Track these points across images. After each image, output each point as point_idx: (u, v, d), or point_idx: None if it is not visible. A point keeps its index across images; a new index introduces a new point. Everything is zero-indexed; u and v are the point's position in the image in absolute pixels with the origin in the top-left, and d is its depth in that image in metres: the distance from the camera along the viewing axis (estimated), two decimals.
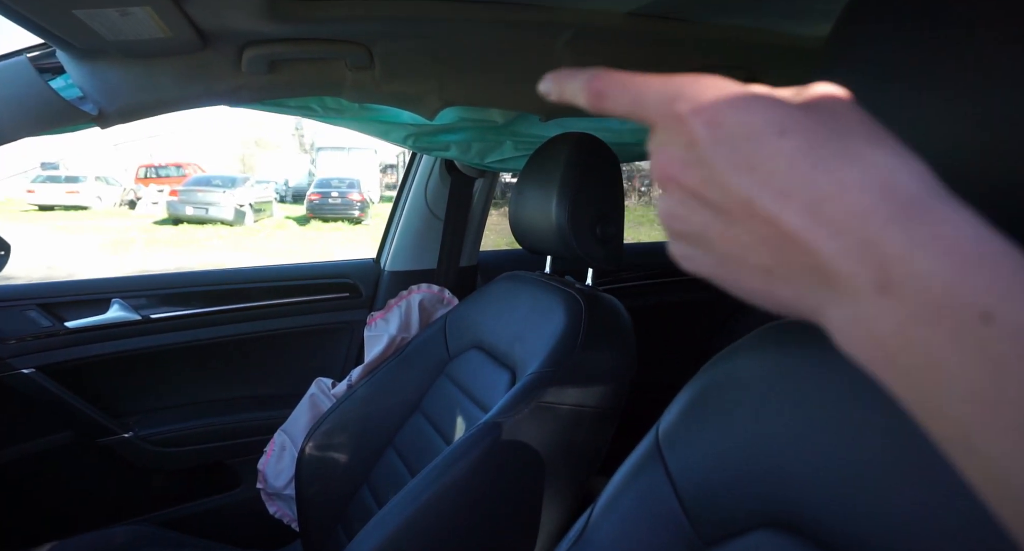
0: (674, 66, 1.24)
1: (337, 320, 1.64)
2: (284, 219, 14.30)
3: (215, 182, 13.08)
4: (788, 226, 0.22)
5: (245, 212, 12.74)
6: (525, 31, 1.08)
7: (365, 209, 13.93)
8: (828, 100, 0.23)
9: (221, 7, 0.80)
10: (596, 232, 1.09)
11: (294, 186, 19.47)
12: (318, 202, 13.85)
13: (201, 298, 1.50)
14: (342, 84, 1.11)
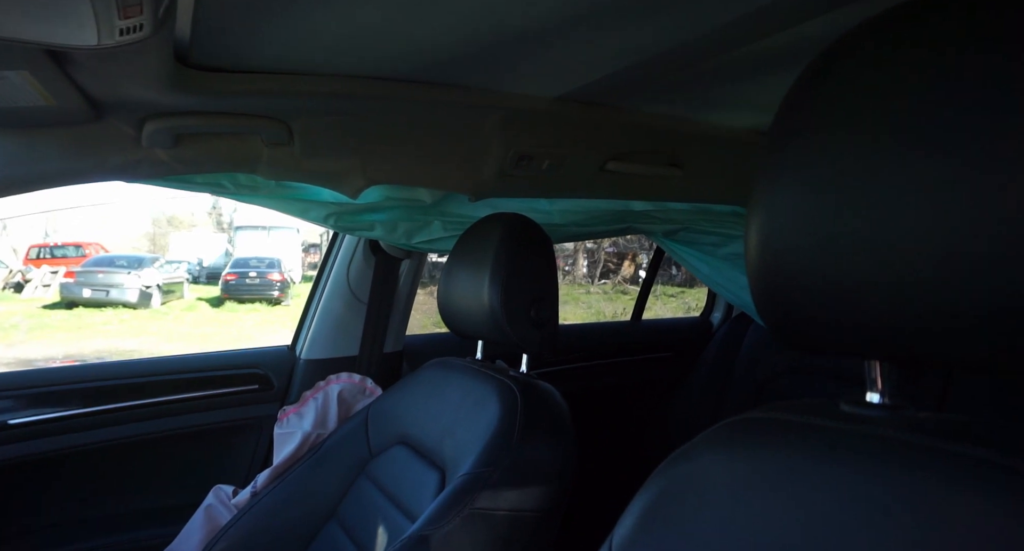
0: (600, 149, 1.26)
1: (244, 416, 1.46)
2: (195, 301, 13.51)
3: (119, 262, 12.27)
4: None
5: (152, 294, 11.95)
6: (454, 111, 1.06)
7: (285, 289, 13.42)
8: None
9: (117, 76, 0.72)
10: (531, 315, 1.04)
11: (209, 266, 18.62)
12: (234, 282, 13.23)
13: (81, 396, 1.30)
14: (257, 160, 1.04)
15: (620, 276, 13.30)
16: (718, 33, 0.77)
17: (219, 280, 14.47)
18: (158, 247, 22.90)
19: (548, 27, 0.77)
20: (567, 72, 0.96)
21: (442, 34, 0.79)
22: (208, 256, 19.31)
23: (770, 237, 0.43)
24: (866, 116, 0.38)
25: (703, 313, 2.36)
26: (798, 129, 0.42)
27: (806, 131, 0.41)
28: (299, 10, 0.70)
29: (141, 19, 0.53)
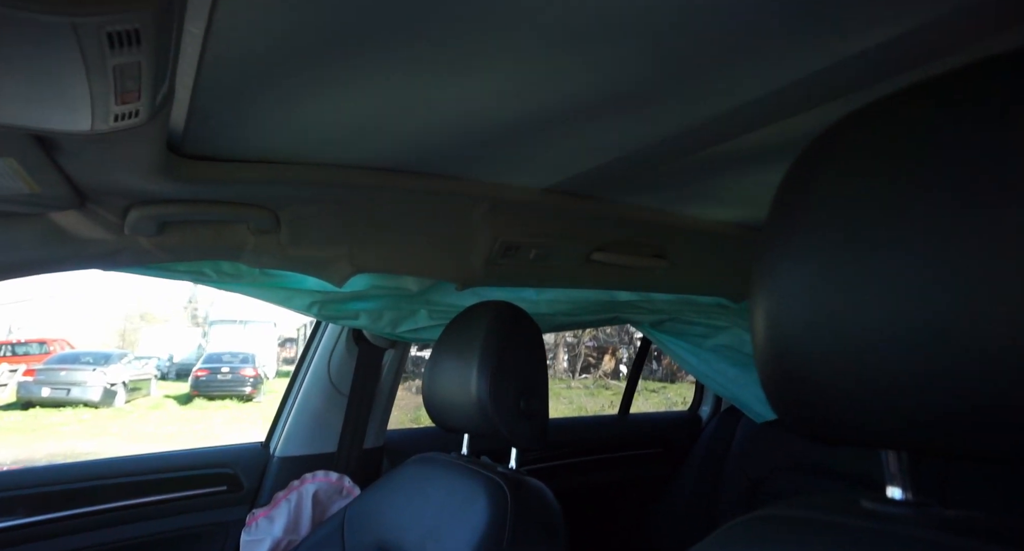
0: (586, 239, 1.28)
1: (209, 521, 1.34)
2: (163, 398, 12.96)
3: (84, 359, 11.82)
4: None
5: (116, 392, 11.45)
6: (443, 200, 1.08)
7: (258, 385, 12.98)
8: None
9: (106, 163, 0.72)
10: (520, 407, 0.99)
11: (180, 362, 18.09)
12: (205, 378, 12.78)
13: (27, 504, 1.18)
14: (242, 248, 1.02)
15: (601, 371, 13.17)
16: (700, 130, 0.80)
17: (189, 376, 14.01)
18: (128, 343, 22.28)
19: (536, 123, 0.79)
20: (554, 165, 0.99)
21: (432, 129, 0.81)
22: (180, 351, 18.83)
23: (778, 325, 0.42)
24: (864, 205, 0.38)
25: (691, 407, 2.31)
26: (796, 218, 0.42)
27: (804, 221, 0.41)
28: (295, 102, 0.72)
29: (138, 105, 0.53)
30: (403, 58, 0.61)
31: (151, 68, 0.48)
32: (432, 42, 0.58)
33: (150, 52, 0.45)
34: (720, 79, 0.66)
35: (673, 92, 0.70)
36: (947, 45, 0.57)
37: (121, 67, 0.45)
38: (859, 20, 0.54)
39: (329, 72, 0.64)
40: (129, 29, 0.41)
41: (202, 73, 0.62)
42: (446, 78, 0.66)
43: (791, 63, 0.62)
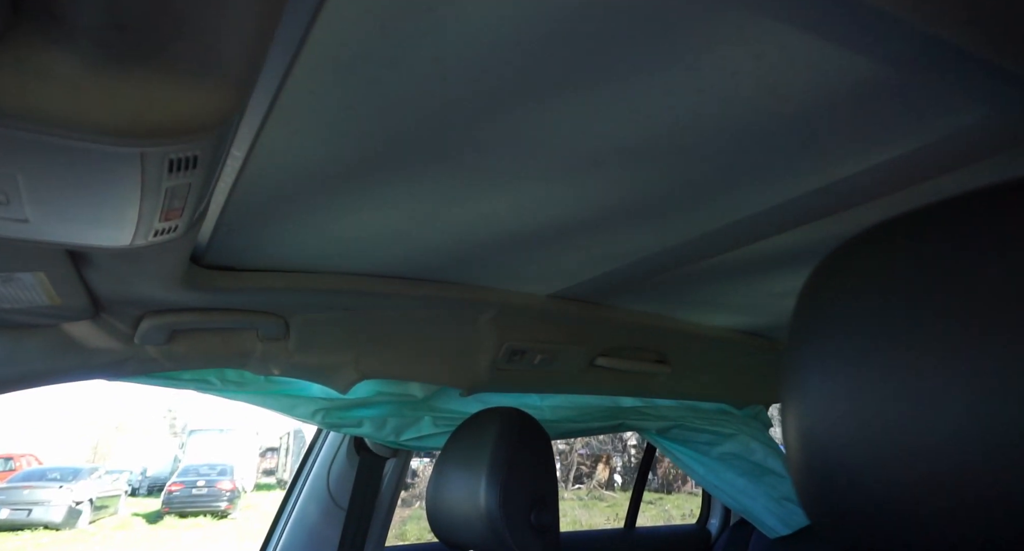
0: (590, 345, 1.29)
1: None
2: (130, 517, 12.12)
3: (51, 475, 11.16)
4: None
5: (81, 511, 10.71)
6: (450, 306, 1.10)
7: (235, 500, 12.23)
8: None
9: (132, 275, 0.73)
10: (531, 520, 0.95)
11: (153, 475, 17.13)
12: (179, 493, 12.04)
13: None
14: (250, 355, 1.02)
15: (595, 481, 12.61)
16: (702, 241, 0.84)
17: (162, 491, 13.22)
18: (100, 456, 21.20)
19: (546, 234, 0.83)
20: (561, 273, 1.02)
21: (446, 240, 0.85)
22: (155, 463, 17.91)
23: (812, 432, 0.42)
24: (888, 314, 0.40)
25: (699, 520, 2.20)
26: (822, 318, 0.44)
27: (831, 321, 0.43)
28: (318, 219, 0.75)
29: (178, 221, 0.55)
30: (425, 178, 0.65)
31: (198, 188, 0.51)
32: (454, 164, 0.63)
33: (202, 175, 0.48)
34: (722, 196, 0.71)
35: (678, 207, 0.74)
36: (935, 169, 0.62)
37: (173, 188, 0.48)
38: (851, 146, 0.59)
39: (354, 193, 0.68)
40: (190, 156, 0.44)
41: (235, 192, 0.65)
42: (465, 194, 0.70)
43: (788, 183, 0.67)
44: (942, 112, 0.53)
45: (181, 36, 0.36)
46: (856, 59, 0.47)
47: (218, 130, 0.43)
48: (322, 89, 0.50)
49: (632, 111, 0.54)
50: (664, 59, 0.47)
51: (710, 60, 0.47)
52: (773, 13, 0.42)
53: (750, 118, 0.55)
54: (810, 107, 0.53)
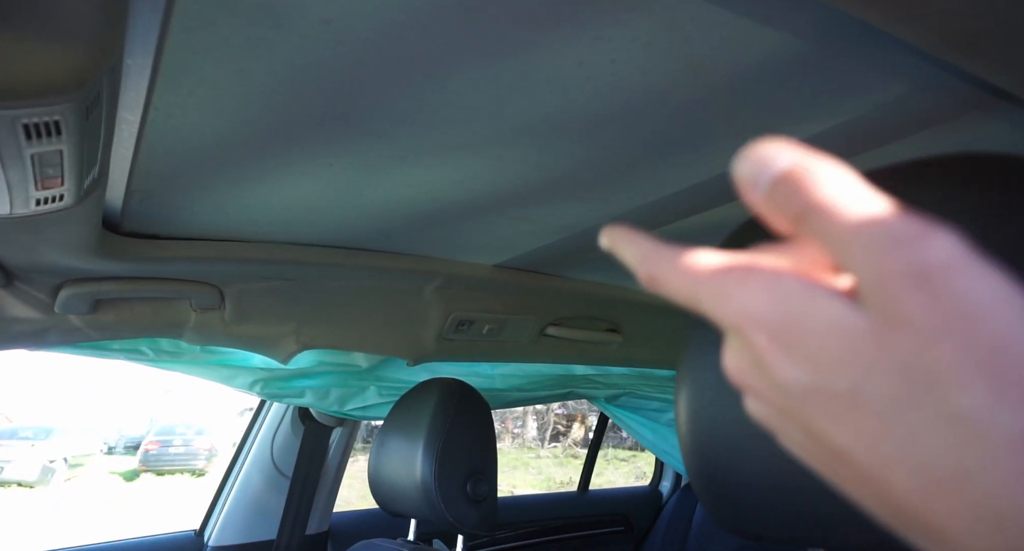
0: (540, 314, 1.28)
1: None
2: (107, 475, 12.15)
3: (22, 434, 11.10)
4: (903, 501, 0.18)
5: (55, 469, 10.69)
6: (393, 277, 1.07)
7: (212, 458, 12.32)
8: (922, 320, 0.17)
9: (36, 244, 0.70)
10: (467, 491, 0.96)
11: (129, 435, 17.13)
12: (156, 452, 12.05)
13: None
14: (184, 325, 0.99)
15: (570, 439, 12.92)
16: (639, 214, 0.83)
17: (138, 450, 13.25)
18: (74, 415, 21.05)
19: (483, 205, 0.81)
20: (504, 243, 1.00)
21: (379, 210, 0.82)
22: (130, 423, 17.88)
23: (699, 414, 0.42)
24: None
25: (652, 482, 2.27)
26: None
27: None
28: (237, 186, 0.72)
29: (62, 190, 0.52)
30: (341, 149, 0.62)
31: (75, 156, 0.47)
32: (370, 135, 0.60)
33: (73, 141, 0.45)
34: (652, 169, 0.69)
35: (610, 180, 0.72)
36: (859, 145, 0.61)
37: (40, 155, 0.45)
38: (775, 121, 0.57)
39: (269, 162, 0.65)
40: (48, 121, 0.41)
41: (139, 157, 0.62)
42: (387, 165, 0.67)
43: (717, 156, 0.65)
44: (861, 89, 0.51)
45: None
46: (771, 34, 0.45)
47: (77, 94, 0.40)
48: (205, 50, 0.46)
49: (547, 82, 0.52)
50: (572, 29, 0.45)
51: (620, 30, 0.45)
52: None
53: (669, 90, 0.53)
54: (729, 81, 0.51)
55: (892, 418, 0.18)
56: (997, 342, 0.16)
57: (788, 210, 0.19)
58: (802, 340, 0.19)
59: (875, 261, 0.18)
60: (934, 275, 0.17)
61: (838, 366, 0.18)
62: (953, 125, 0.56)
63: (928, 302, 0.17)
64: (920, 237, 0.17)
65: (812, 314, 0.19)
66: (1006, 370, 0.16)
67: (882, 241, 0.17)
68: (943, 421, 0.17)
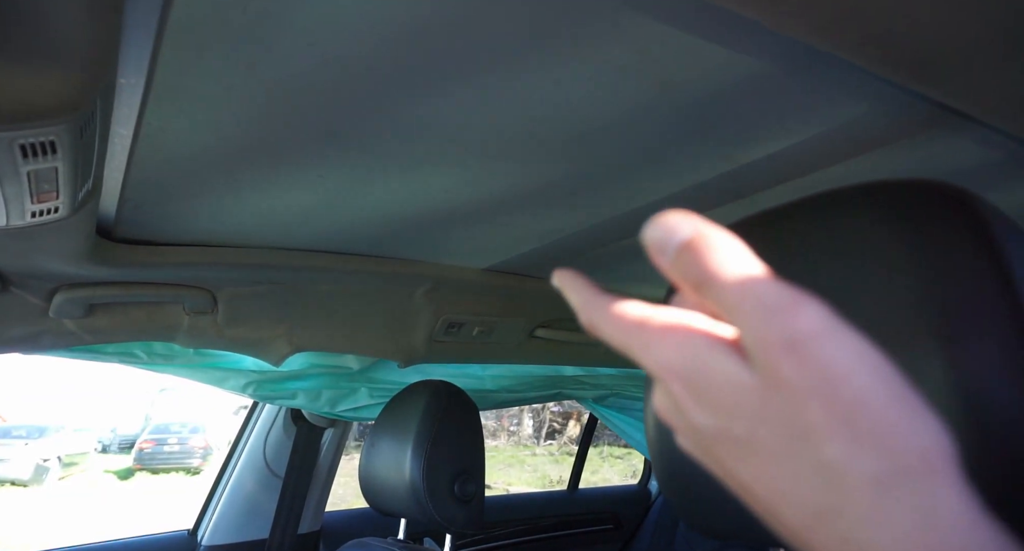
0: (529, 316, 1.30)
1: None
2: (102, 473, 12.12)
3: (16, 433, 11.06)
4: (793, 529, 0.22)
5: (49, 468, 10.66)
6: (384, 281, 1.09)
7: (207, 457, 12.30)
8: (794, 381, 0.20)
9: (30, 252, 0.72)
10: (455, 491, 0.98)
11: (124, 433, 17.06)
12: (151, 451, 12.03)
13: None
14: (176, 329, 1.01)
15: (566, 436, 12.95)
16: (622, 221, 0.85)
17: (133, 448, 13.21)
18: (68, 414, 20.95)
19: (470, 213, 0.83)
20: (492, 248, 1.02)
21: (369, 217, 0.84)
22: (125, 422, 17.81)
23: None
24: None
25: (641, 481, 2.29)
26: None
27: None
28: (228, 195, 0.74)
29: (56, 203, 0.54)
30: (328, 160, 0.64)
31: (69, 171, 0.49)
32: (356, 148, 0.62)
33: (68, 158, 0.47)
34: (630, 180, 0.71)
35: (591, 190, 0.75)
36: (833, 157, 0.63)
37: (36, 172, 0.47)
38: (747, 136, 0.60)
39: (259, 173, 0.67)
40: (44, 141, 0.43)
41: (132, 169, 0.64)
42: (373, 176, 0.69)
43: (694, 168, 0.68)
44: (824, 108, 0.53)
45: (14, 25, 0.35)
46: (736, 57, 0.47)
47: (71, 116, 0.42)
48: (195, 69, 0.48)
49: (526, 100, 0.54)
50: (548, 52, 0.47)
51: (594, 54, 0.47)
52: (650, 13, 0.42)
53: (642, 108, 0.55)
54: (698, 100, 0.53)
55: (779, 462, 0.21)
56: (855, 400, 0.19)
57: (689, 277, 0.22)
58: (707, 391, 0.22)
59: (755, 329, 0.21)
60: (801, 343, 0.20)
61: (735, 415, 0.21)
62: (917, 141, 0.59)
63: (798, 366, 0.20)
64: (790, 309, 0.20)
65: (714, 369, 0.22)
66: (863, 424, 0.19)
67: (760, 312, 0.20)
68: (815, 467, 0.20)
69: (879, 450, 0.19)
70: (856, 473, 0.19)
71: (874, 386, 0.20)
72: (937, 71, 0.44)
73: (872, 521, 0.19)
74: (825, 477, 0.20)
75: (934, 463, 0.19)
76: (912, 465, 0.19)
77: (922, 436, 0.20)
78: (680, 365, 0.23)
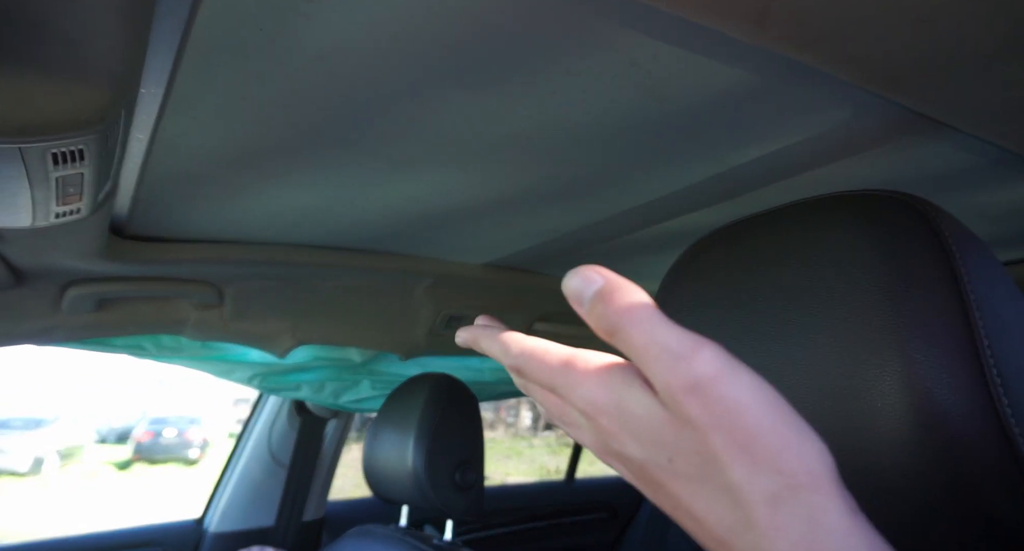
0: (528, 310, 1.33)
1: None
2: (100, 464, 12.17)
3: (13, 424, 11.09)
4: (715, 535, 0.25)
5: (45, 459, 10.70)
6: (386, 276, 1.12)
7: (206, 448, 12.36)
8: (699, 419, 0.23)
9: (47, 249, 0.74)
10: (455, 479, 1.01)
11: (121, 425, 17.10)
12: (149, 443, 12.09)
13: None
14: (184, 323, 1.04)
15: None
16: (619, 219, 0.88)
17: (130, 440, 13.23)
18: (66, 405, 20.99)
19: (471, 211, 0.86)
20: (493, 244, 1.05)
21: (373, 215, 0.87)
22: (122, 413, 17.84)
23: None
24: (720, 303, 0.44)
25: None
26: (672, 312, 0.48)
27: (677, 314, 0.47)
28: (238, 194, 0.76)
29: (79, 204, 0.57)
30: (336, 163, 0.67)
31: (94, 176, 0.52)
32: (362, 152, 0.65)
33: (93, 164, 0.50)
34: (625, 181, 0.74)
35: (590, 190, 0.77)
36: (819, 160, 0.66)
37: (64, 178, 0.49)
38: (737, 140, 0.63)
39: (267, 175, 0.69)
40: (74, 150, 0.46)
41: (146, 171, 0.66)
42: (379, 178, 0.72)
43: (687, 170, 0.71)
44: (809, 113, 0.56)
45: (45, 41, 0.37)
46: (724, 68, 0.50)
47: (100, 127, 0.44)
48: (212, 81, 0.51)
49: (524, 109, 0.57)
50: (543, 64, 0.49)
51: (588, 65, 0.50)
52: (639, 26, 0.45)
53: (634, 115, 0.57)
54: (691, 107, 0.56)
55: (696, 486, 0.24)
56: (750, 430, 0.23)
57: (602, 325, 0.25)
58: (629, 424, 0.25)
59: (660, 374, 0.24)
60: (702, 385, 0.23)
61: (656, 446, 0.25)
62: (898, 145, 0.62)
63: (700, 405, 0.23)
64: (691, 354, 0.23)
65: (634, 405, 0.25)
66: (758, 450, 0.23)
67: (664, 358, 0.23)
68: (723, 489, 0.23)
69: (773, 472, 0.22)
70: (756, 492, 0.22)
71: (766, 416, 0.23)
72: (914, 84, 0.47)
73: (771, 532, 0.22)
74: (732, 497, 0.23)
75: (818, 479, 0.22)
76: (801, 482, 0.22)
77: (809, 456, 0.23)
78: (604, 402, 0.25)
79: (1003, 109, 0.52)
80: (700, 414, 0.23)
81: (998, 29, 0.42)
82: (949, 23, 0.42)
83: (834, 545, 0.22)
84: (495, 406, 12.30)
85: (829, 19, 0.42)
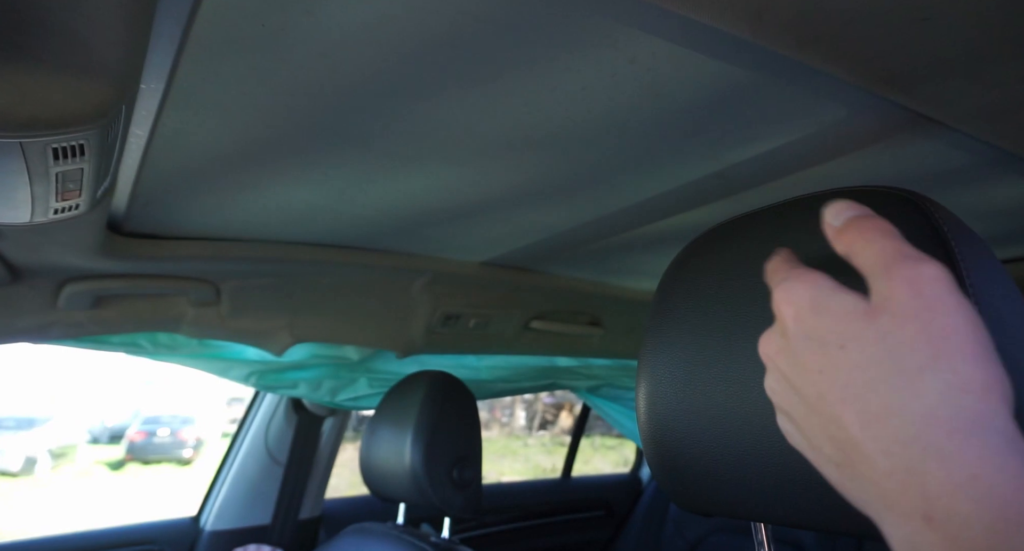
0: (524, 309, 1.34)
1: None
2: (92, 464, 12.09)
3: (6, 424, 11.01)
4: (848, 432, 0.26)
5: (38, 459, 10.63)
6: (383, 274, 1.12)
7: (199, 448, 12.30)
8: (904, 305, 0.25)
9: (44, 246, 0.74)
10: (453, 476, 1.01)
11: (114, 425, 16.98)
12: (142, 442, 12.01)
13: None
14: (181, 320, 1.04)
15: (558, 427, 13.05)
16: (615, 218, 0.88)
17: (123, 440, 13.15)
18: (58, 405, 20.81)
19: (469, 209, 0.86)
20: (490, 242, 1.05)
21: (370, 213, 0.87)
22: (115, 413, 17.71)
23: (655, 404, 0.47)
24: (714, 302, 0.45)
25: (632, 469, 2.34)
26: (670, 309, 0.48)
27: (676, 311, 0.48)
28: (235, 192, 0.76)
29: (78, 200, 0.56)
30: (336, 160, 0.67)
31: (93, 171, 0.52)
32: (363, 149, 0.65)
33: (93, 160, 0.49)
34: (624, 178, 0.74)
35: (585, 188, 0.78)
36: (815, 158, 0.67)
37: (64, 173, 0.49)
38: (734, 139, 0.63)
39: (266, 172, 0.69)
40: (74, 145, 0.46)
41: (144, 167, 0.66)
42: (379, 175, 0.72)
43: (685, 168, 0.71)
44: (806, 112, 0.57)
45: (48, 36, 0.37)
46: (722, 66, 0.50)
47: (100, 122, 0.44)
48: (212, 77, 0.51)
49: (524, 105, 0.57)
50: (542, 62, 0.50)
51: (588, 63, 0.50)
52: (638, 24, 0.45)
53: (633, 112, 0.58)
54: (689, 105, 0.56)
55: (863, 370, 0.26)
56: (947, 331, 0.25)
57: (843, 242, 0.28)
58: (821, 315, 0.28)
59: (887, 264, 0.26)
60: (923, 279, 0.25)
61: (838, 333, 0.27)
62: (894, 143, 0.62)
63: (912, 293, 0.25)
64: (921, 257, 0.26)
65: (833, 299, 0.28)
66: (945, 349, 0.24)
67: (898, 257, 0.26)
68: (895, 373, 0.25)
69: (949, 371, 0.24)
70: (928, 388, 0.24)
71: (964, 328, 0.25)
72: (910, 82, 0.48)
73: (929, 414, 0.24)
74: (902, 380, 0.24)
75: (990, 394, 0.24)
76: (973, 390, 0.24)
77: (987, 374, 0.24)
78: (799, 299, 0.28)
79: (998, 108, 0.52)
80: (907, 301, 0.25)
81: (993, 29, 0.42)
82: (945, 23, 0.42)
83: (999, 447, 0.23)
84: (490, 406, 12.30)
85: (826, 18, 0.42)
